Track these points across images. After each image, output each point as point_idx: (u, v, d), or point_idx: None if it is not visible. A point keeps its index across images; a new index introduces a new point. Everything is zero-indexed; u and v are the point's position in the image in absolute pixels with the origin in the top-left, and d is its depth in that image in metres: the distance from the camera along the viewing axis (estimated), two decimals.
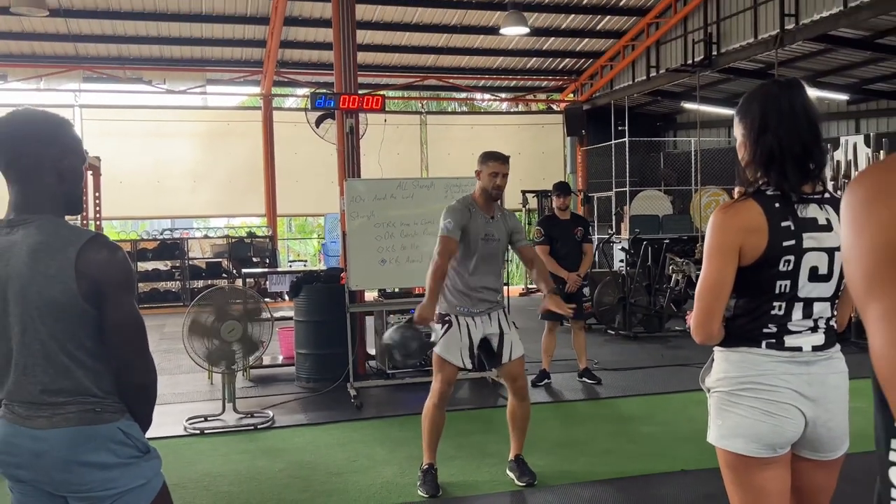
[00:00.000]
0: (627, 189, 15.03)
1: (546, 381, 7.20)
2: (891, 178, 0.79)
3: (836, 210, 2.12)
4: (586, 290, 7.21)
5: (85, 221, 6.36)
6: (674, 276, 10.05)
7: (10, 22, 13.01)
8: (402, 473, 4.79)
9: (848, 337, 6.56)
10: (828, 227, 2.10)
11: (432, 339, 4.47)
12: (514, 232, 4.54)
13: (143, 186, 14.98)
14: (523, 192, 15.01)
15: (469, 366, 4.45)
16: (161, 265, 15.26)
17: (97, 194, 7.06)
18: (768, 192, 2.10)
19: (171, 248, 15.33)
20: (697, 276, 2.09)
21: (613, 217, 15.05)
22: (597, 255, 13.24)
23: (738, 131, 2.20)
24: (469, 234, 4.34)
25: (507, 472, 4.66)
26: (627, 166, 15.20)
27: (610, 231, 14.09)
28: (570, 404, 6.70)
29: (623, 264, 11.56)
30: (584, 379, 7.27)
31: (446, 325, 4.38)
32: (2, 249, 1.94)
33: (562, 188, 7.34)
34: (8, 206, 2.00)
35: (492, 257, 4.43)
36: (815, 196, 2.13)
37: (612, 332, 9.99)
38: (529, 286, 14.81)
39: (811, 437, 2.15)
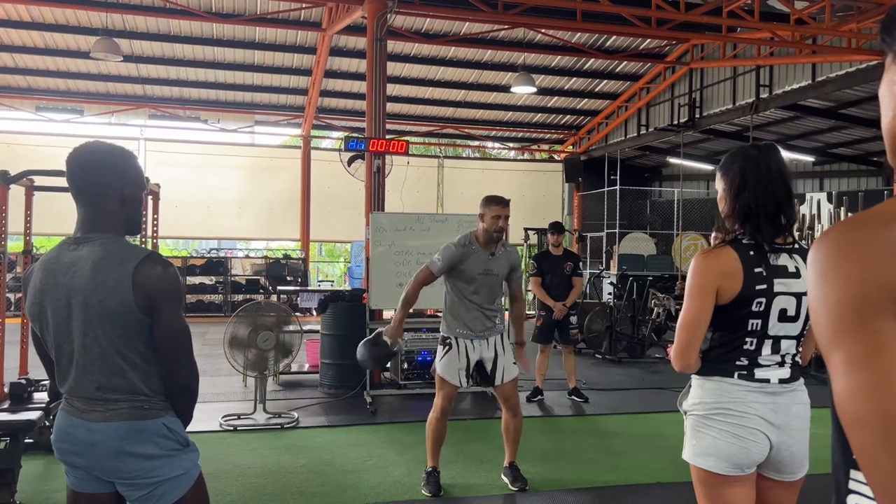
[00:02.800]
0: (617, 231, 15.01)
1: (539, 397, 7.13)
2: (855, 237, 0.79)
3: (804, 259, 2.11)
4: (574, 319, 7.13)
5: (144, 239, 6.39)
6: (655, 308, 9.98)
7: (88, 65, 13.22)
8: (409, 474, 4.73)
9: (808, 371, 6.52)
10: (796, 275, 2.08)
11: (434, 359, 4.40)
12: (513, 269, 4.38)
13: (195, 210, 15.07)
14: (525, 230, 15.02)
15: (465, 385, 4.34)
16: (207, 280, 15.31)
17: (155, 216, 7.11)
18: (744, 241, 2.09)
19: (216, 265, 15.38)
20: (676, 310, 2.09)
21: (604, 255, 15.03)
22: (588, 288, 13.20)
23: (719, 186, 2.19)
24: (466, 269, 4.20)
25: (502, 476, 4.60)
26: (617, 211, 15.21)
27: (600, 267, 14.05)
28: (559, 419, 6.62)
29: (611, 297, 11.50)
30: (572, 397, 7.19)
31: (447, 347, 4.28)
32: (69, 263, 1.95)
33: (556, 227, 7.30)
34: (76, 225, 2.01)
35: (490, 289, 4.28)
36: (786, 246, 2.11)
37: (600, 356, 9.91)
38: (528, 312, 14.69)
39: (775, 460, 2.11)
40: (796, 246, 2.13)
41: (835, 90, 10.89)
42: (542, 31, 11.84)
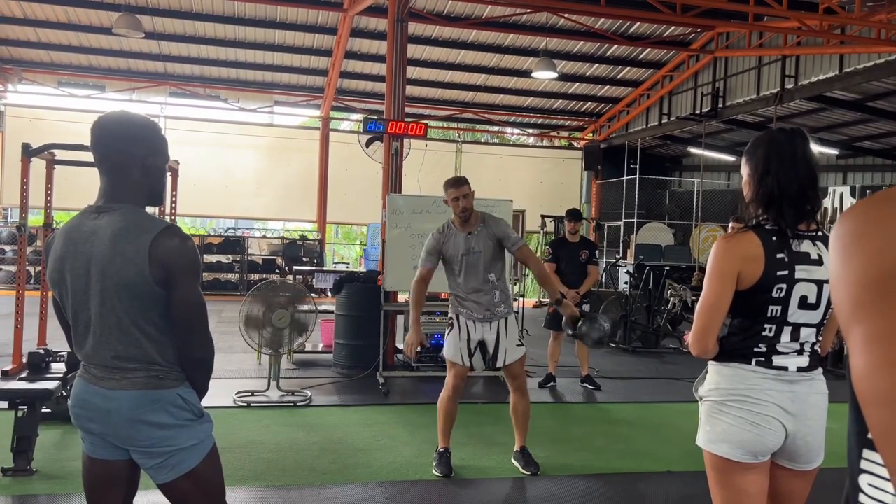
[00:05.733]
0: (635, 220, 14.94)
1: (551, 383, 7.13)
2: (878, 213, 0.78)
3: (828, 246, 2.08)
4: (586, 307, 7.10)
5: (163, 216, 6.43)
6: (671, 299, 9.92)
7: (110, 41, 13.28)
8: (420, 454, 4.76)
9: (825, 365, 6.47)
10: (819, 262, 2.06)
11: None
12: (502, 238, 4.28)
13: (214, 189, 15.14)
14: (542, 217, 14.96)
15: (468, 364, 4.35)
16: (224, 258, 15.41)
17: (174, 193, 7.16)
18: (767, 227, 2.07)
19: (233, 244, 15.48)
20: (692, 301, 2.07)
21: (621, 244, 14.95)
22: (604, 277, 13.12)
23: (744, 170, 2.16)
24: (448, 253, 4.29)
25: (513, 460, 4.61)
26: (636, 200, 15.11)
27: (617, 256, 13.98)
28: (571, 405, 6.62)
29: (627, 286, 11.45)
30: (585, 384, 7.18)
31: (450, 328, 4.38)
32: (89, 232, 1.96)
33: (573, 214, 7.24)
34: (98, 193, 2.02)
35: (476, 268, 4.26)
36: (810, 233, 2.09)
37: (614, 346, 9.88)
38: (543, 299, 14.70)
39: (790, 449, 2.10)
40: (820, 233, 2.11)
41: (862, 82, 10.72)
42: (565, 15, 11.72)
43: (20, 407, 4.15)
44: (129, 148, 1.98)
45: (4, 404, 4.33)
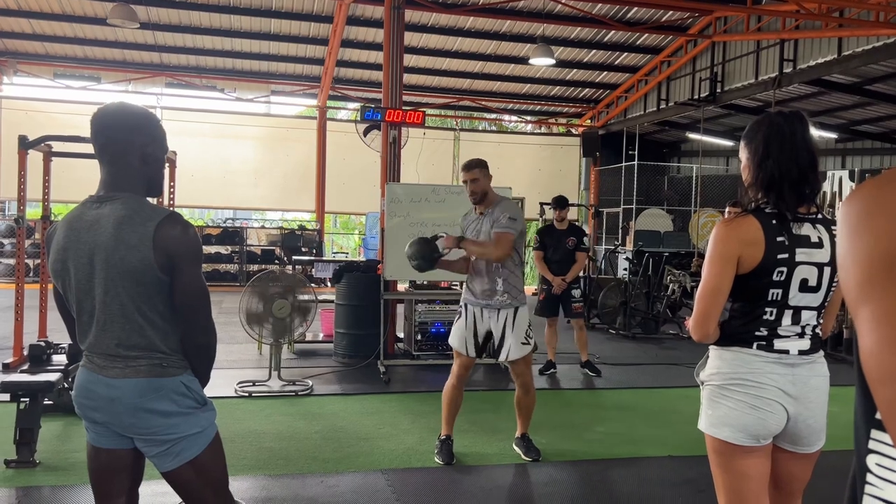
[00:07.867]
0: (634, 206, 14.94)
1: (552, 370, 7.15)
2: (887, 192, 0.78)
3: (828, 229, 2.09)
4: (577, 293, 7.11)
5: (161, 206, 6.40)
6: (671, 285, 9.94)
7: (105, 32, 13.20)
8: (422, 442, 4.77)
9: (825, 348, 6.47)
10: (819, 245, 2.06)
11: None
12: (494, 222, 4.21)
13: (211, 180, 15.10)
14: (541, 204, 14.93)
15: (473, 354, 4.33)
16: (222, 249, 15.40)
17: (172, 184, 7.14)
18: (767, 210, 2.06)
19: (232, 235, 15.47)
20: (692, 287, 2.07)
21: (620, 230, 14.95)
22: (603, 263, 13.16)
23: (743, 155, 2.15)
24: (467, 234, 4.37)
25: (514, 447, 4.63)
26: (635, 186, 15.11)
27: (616, 243, 13.99)
28: (572, 392, 6.65)
29: (626, 272, 11.46)
30: (585, 370, 7.21)
31: (458, 316, 4.40)
32: (92, 221, 1.97)
33: (558, 202, 7.18)
34: (99, 183, 2.03)
35: None
36: (810, 216, 2.09)
37: (613, 332, 9.91)
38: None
39: (792, 432, 2.11)
40: (820, 216, 2.10)
41: (860, 65, 10.68)
42: (562, 1, 11.66)
43: (22, 399, 4.16)
44: (129, 137, 1.99)
45: (6, 396, 4.34)
